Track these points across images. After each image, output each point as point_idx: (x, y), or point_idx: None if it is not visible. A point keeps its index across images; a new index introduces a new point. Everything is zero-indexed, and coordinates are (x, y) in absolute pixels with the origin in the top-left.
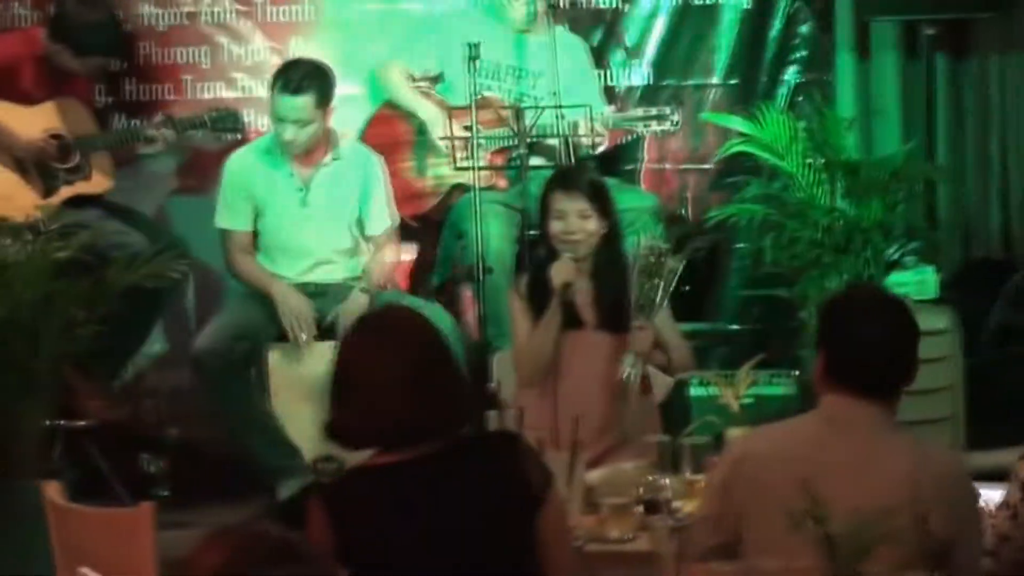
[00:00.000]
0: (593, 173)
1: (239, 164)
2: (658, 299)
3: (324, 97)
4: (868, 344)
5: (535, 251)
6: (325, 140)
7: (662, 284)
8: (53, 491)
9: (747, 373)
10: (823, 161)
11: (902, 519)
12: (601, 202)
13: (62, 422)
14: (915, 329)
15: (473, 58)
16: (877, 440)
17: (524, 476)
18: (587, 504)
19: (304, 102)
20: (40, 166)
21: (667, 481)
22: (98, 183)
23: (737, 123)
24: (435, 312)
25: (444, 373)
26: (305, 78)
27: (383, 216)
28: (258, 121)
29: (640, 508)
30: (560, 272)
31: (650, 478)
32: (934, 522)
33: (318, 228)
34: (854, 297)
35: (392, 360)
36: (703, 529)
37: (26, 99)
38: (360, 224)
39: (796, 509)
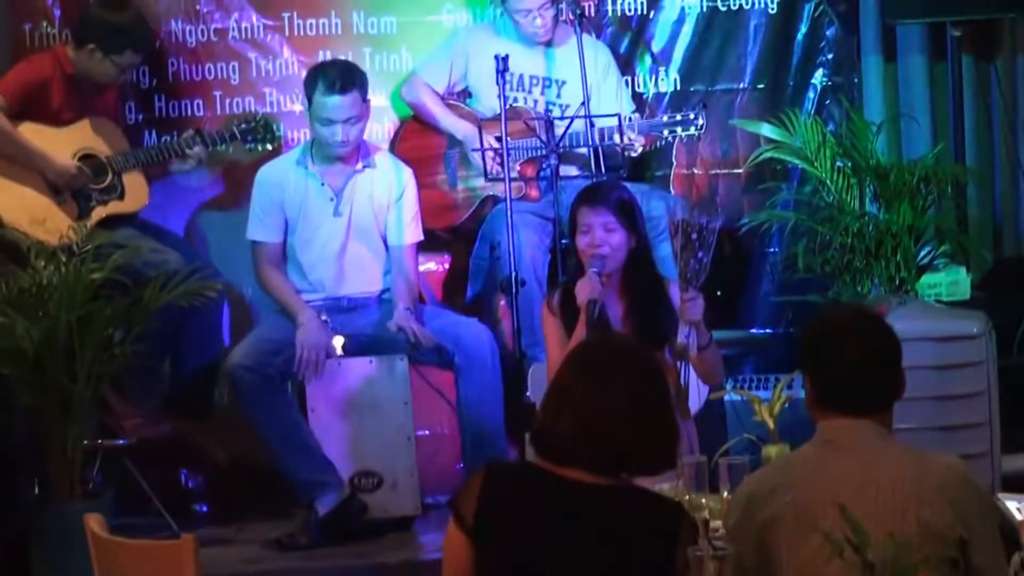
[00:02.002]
0: (620, 188)
1: (270, 176)
2: (704, 267)
3: (365, 93)
4: (851, 364)
5: (567, 264)
6: (356, 147)
7: (705, 253)
8: (95, 523)
9: (782, 391)
10: (852, 165)
11: (910, 528)
12: (628, 216)
13: (101, 441)
14: (896, 343)
15: (502, 71)
16: (876, 455)
17: (675, 550)
18: None
19: (352, 99)
20: (74, 188)
21: (705, 501)
22: (132, 202)
23: (766, 129)
24: (474, 327)
25: (665, 412)
26: (346, 75)
27: (407, 229)
28: (288, 134)
29: None
30: (584, 289)
31: (688, 498)
32: (942, 525)
33: (351, 237)
34: (831, 319)
35: (623, 391)
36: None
37: (55, 118)
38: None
39: (831, 534)
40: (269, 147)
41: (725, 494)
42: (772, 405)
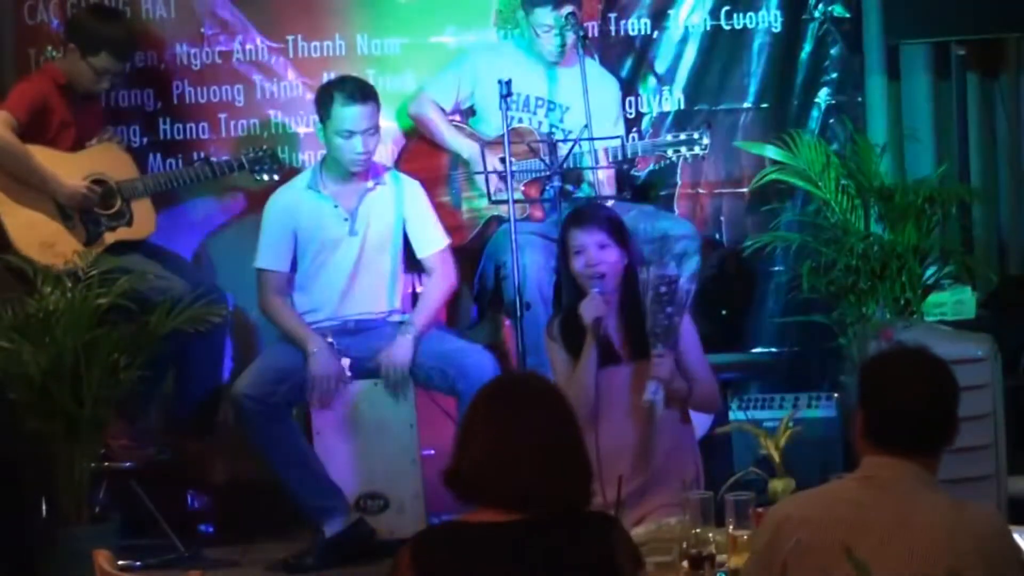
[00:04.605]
0: (606, 208)
1: (283, 203)
2: (673, 326)
3: (379, 107)
4: (908, 406)
5: (563, 291)
6: (368, 164)
7: (676, 310)
8: (103, 559)
9: (787, 424)
10: (856, 186)
11: (937, 572)
12: (619, 233)
13: (107, 464)
14: (955, 390)
15: (505, 95)
16: (916, 499)
17: (615, 560)
18: None
19: (371, 109)
20: (83, 213)
21: (711, 535)
22: (139, 229)
23: (770, 151)
24: (478, 354)
25: (571, 449)
26: (364, 87)
27: (432, 237)
28: (293, 158)
29: (685, 563)
30: (590, 308)
31: (695, 531)
32: None
33: (364, 255)
34: (895, 358)
35: (526, 427)
36: None
37: (57, 136)
38: (410, 248)
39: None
40: (275, 177)
41: (731, 528)
42: (778, 438)
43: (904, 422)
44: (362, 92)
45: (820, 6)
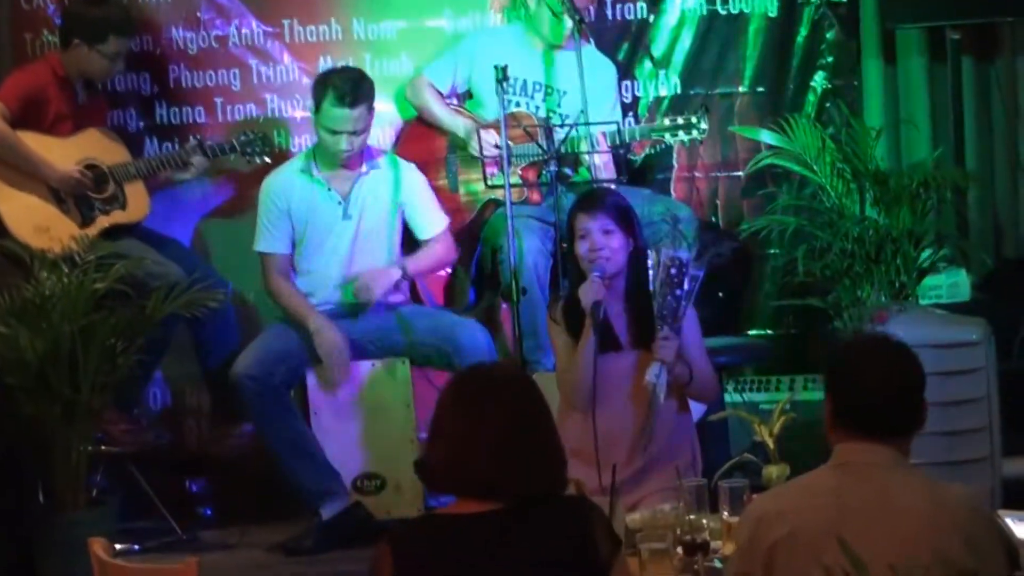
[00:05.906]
0: (615, 194)
1: (277, 185)
2: (680, 309)
3: (372, 103)
4: (874, 389)
5: (568, 269)
6: (360, 152)
7: (684, 294)
8: (99, 547)
9: (781, 409)
10: (852, 170)
11: (924, 556)
12: (625, 220)
13: (104, 448)
14: (920, 372)
15: (502, 79)
16: (893, 482)
17: (592, 542)
18: (628, 546)
19: (359, 112)
20: (77, 197)
21: (705, 522)
22: (133, 212)
23: (766, 135)
24: (471, 328)
25: (537, 439)
26: (356, 89)
27: (432, 219)
28: (289, 141)
29: (679, 550)
30: (588, 292)
31: (689, 518)
32: (955, 557)
33: (359, 240)
34: (858, 344)
35: (489, 418)
36: None
37: (52, 126)
38: (412, 231)
39: (831, 563)
40: (267, 159)
41: (725, 515)
42: (772, 425)
43: (871, 409)
44: (353, 95)
45: None
